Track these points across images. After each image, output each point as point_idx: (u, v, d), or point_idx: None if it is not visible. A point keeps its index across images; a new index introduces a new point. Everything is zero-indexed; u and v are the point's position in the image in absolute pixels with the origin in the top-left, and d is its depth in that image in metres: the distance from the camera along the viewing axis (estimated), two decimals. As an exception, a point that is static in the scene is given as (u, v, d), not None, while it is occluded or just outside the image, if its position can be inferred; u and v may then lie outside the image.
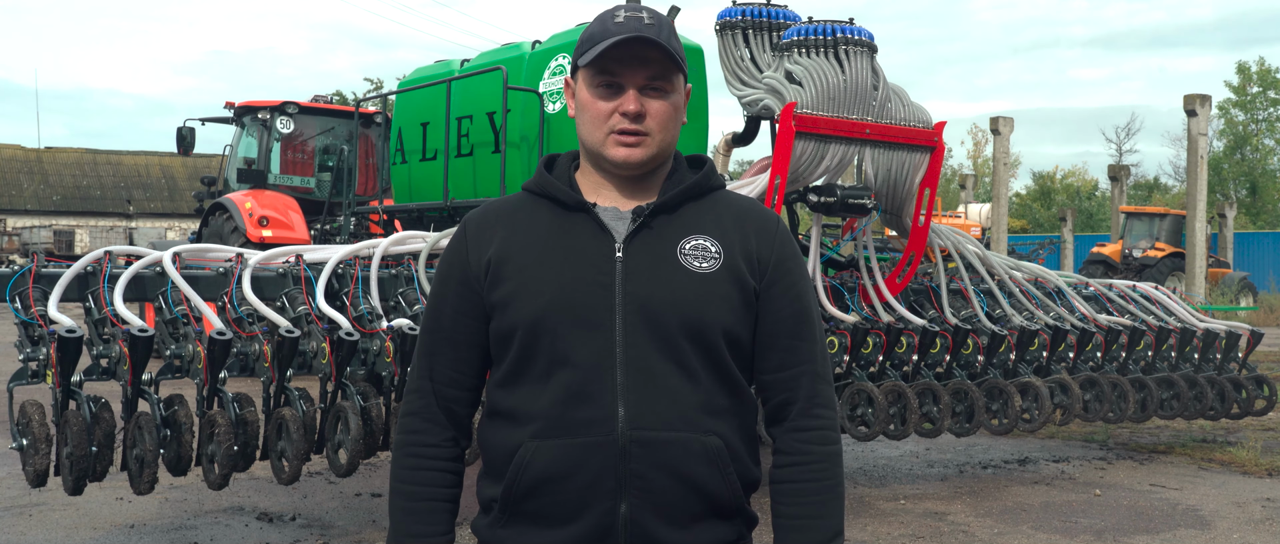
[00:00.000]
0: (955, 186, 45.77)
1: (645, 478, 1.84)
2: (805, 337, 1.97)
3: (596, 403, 1.84)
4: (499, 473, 1.91)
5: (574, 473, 1.84)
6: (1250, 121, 51.56)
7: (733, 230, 1.95)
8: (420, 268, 5.44)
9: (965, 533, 5.89)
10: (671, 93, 1.93)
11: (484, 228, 1.97)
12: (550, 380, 1.86)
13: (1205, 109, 17.16)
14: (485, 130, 8.36)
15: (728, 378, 1.91)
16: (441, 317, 1.99)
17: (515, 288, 1.89)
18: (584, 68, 1.93)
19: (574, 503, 1.85)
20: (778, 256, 1.96)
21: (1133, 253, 25.95)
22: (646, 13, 1.92)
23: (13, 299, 4.62)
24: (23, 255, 33.21)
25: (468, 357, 1.98)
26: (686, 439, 1.85)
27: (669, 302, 1.86)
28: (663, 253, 1.90)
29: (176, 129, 13.97)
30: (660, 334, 1.85)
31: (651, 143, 1.91)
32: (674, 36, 1.94)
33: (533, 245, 1.92)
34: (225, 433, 4.60)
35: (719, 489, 1.88)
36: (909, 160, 6.52)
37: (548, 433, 1.85)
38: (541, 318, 1.86)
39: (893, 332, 6.38)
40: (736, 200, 2.02)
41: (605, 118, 1.91)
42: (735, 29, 6.72)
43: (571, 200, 1.94)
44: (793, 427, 1.96)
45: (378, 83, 48.48)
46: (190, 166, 42.77)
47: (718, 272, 1.90)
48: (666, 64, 1.91)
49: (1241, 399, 7.85)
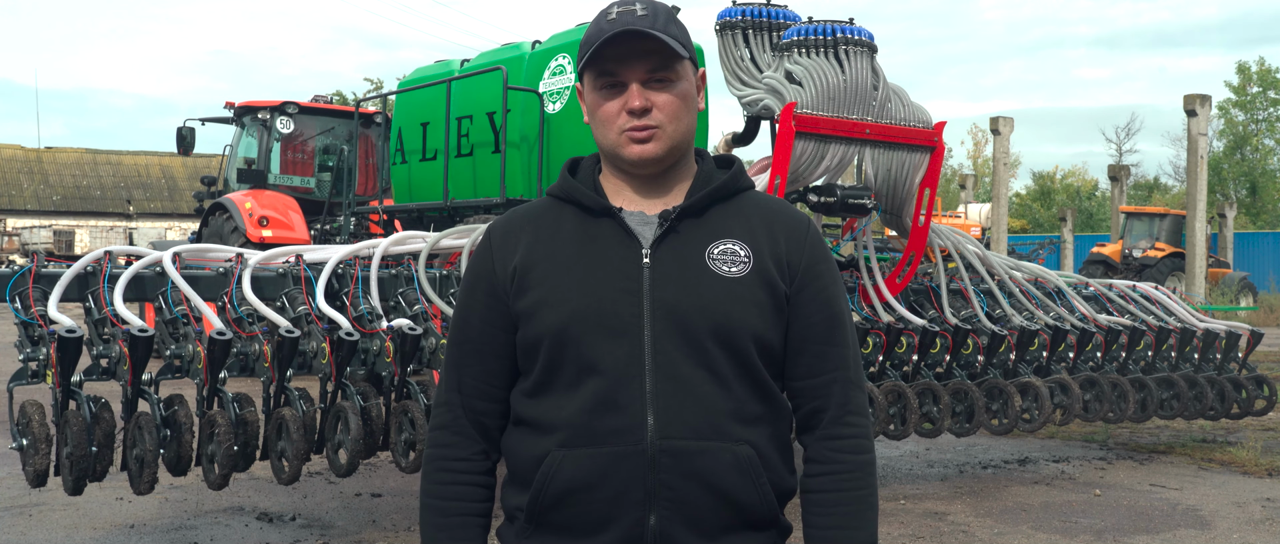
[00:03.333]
0: (955, 186, 45.76)
1: (674, 488, 1.79)
2: (836, 342, 1.91)
3: (625, 411, 1.79)
4: (525, 481, 1.86)
5: (602, 483, 1.79)
6: (1250, 121, 51.55)
7: (762, 233, 1.89)
8: (420, 268, 5.44)
9: (965, 533, 5.89)
10: (677, 81, 1.87)
11: (509, 235, 1.93)
12: (578, 389, 1.82)
13: (1205, 109, 17.16)
14: (485, 130, 8.37)
15: (760, 384, 1.86)
16: (469, 328, 1.94)
17: (542, 295, 1.85)
18: (586, 71, 1.89)
19: (602, 513, 1.80)
20: (808, 260, 1.90)
21: (1133, 253, 25.95)
22: (640, 4, 1.86)
23: (13, 299, 4.62)
24: (23, 255, 33.23)
25: (496, 368, 1.93)
26: (717, 449, 1.80)
27: (698, 307, 1.81)
28: (691, 257, 1.85)
29: (176, 129, 13.98)
30: (690, 340, 1.81)
31: (664, 136, 1.86)
32: (672, 22, 1.87)
33: (559, 252, 1.88)
34: (225, 433, 4.60)
35: (751, 499, 1.83)
36: (909, 160, 6.52)
37: (575, 442, 1.81)
38: (568, 325, 1.82)
39: (893, 332, 6.38)
40: (766, 202, 1.96)
41: (614, 118, 1.86)
42: (735, 29, 6.72)
43: (597, 205, 1.89)
44: (825, 435, 1.90)
45: (378, 83, 48.50)
46: (190, 166, 42.77)
47: (747, 276, 1.84)
48: (666, 54, 1.84)
49: (1241, 399, 7.85)
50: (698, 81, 1.94)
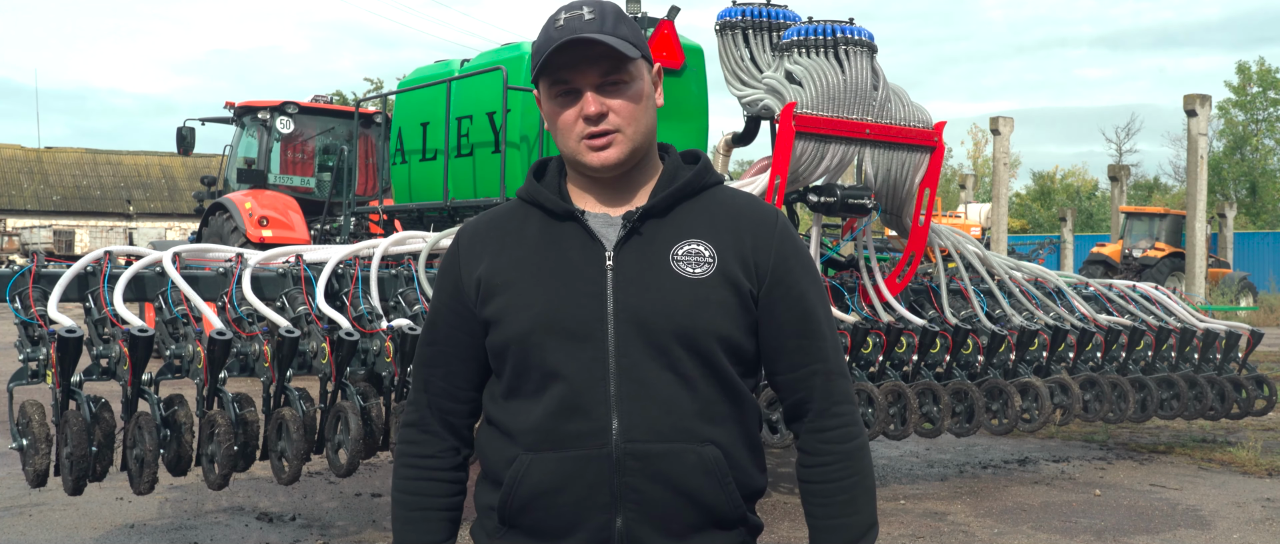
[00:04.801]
0: (955, 186, 45.75)
1: (640, 491, 1.80)
2: (813, 335, 1.91)
3: (589, 415, 1.80)
4: (495, 481, 1.89)
5: (568, 486, 1.81)
6: (1250, 121, 51.54)
7: (727, 232, 1.88)
8: (420, 268, 5.44)
9: (965, 533, 5.89)
10: (631, 83, 1.85)
11: (475, 242, 1.94)
12: (543, 394, 1.83)
13: (1205, 109, 17.16)
14: (485, 130, 8.36)
15: (726, 384, 1.86)
16: (436, 330, 1.97)
17: (507, 302, 1.86)
18: (540, 80, 1.87)
19: (569, 517, 1.82)
20: (777, 258, 1.89)
21: (1133, 253, 25.95)
22: (587, 7, 1.83)
23: (13, 299, 4.62)
24: (23, 255, 33.21)
25: (462, 370, 1.95)
26: (682, 450, 1.81)
27: (661, 310, 1.81)
28: (654, 259, 1.84)
29: (176, 129, 13.97)
30: (654, 343, 1.81)
31: (623, 140, 1.84)
32: (621, 22, 1.84)
33: (523, 258, 1.88)
34: (225, 433, 4.60)
35: (717, 500, 1.84)
36: (909, 160, 6.52)
37: (541, 446, 1.82)
38: (531, 331, 1.82)
39: (893, 331, 6.38)
40: (733, 198, 1.95)
41: (572, 125, 1.85)
42: (735, 29, 6.72)
43: (560, 209, 1.89)
44: (812, 427, 1.92)
45: (378, 83, 48.47)
46: (190, 166, 42.74)
47: (711, 277, 1.84)
48: (616, 57, 1.82)
49: (1241, 399, 7.85)
50: (654, 77, 1.93)
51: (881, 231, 13.05)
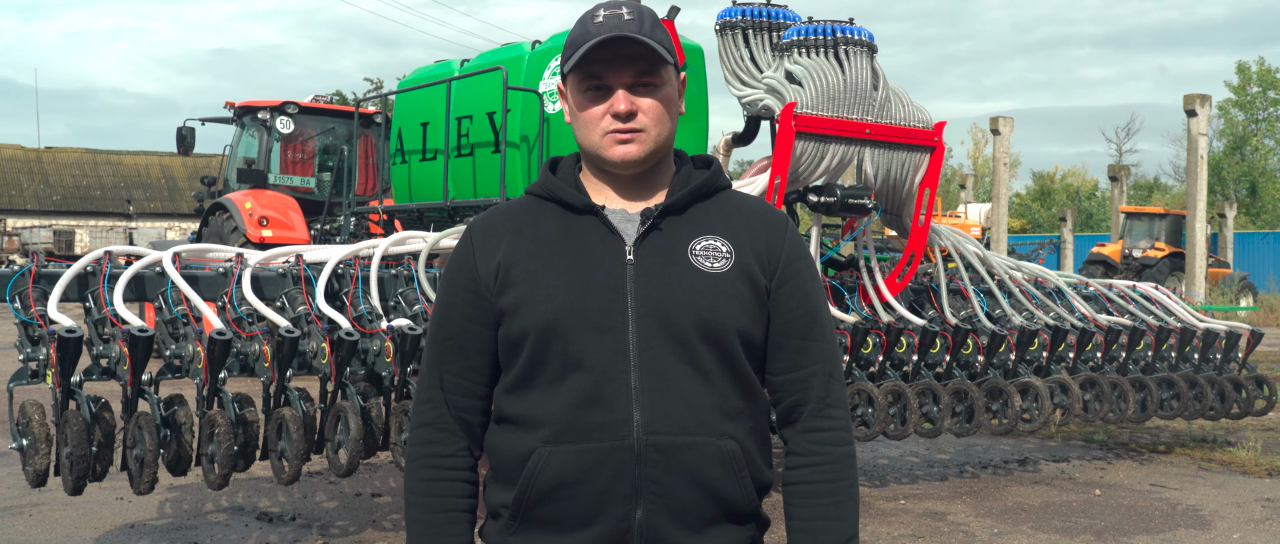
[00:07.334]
0: (955, 186, 45.75)
1: (661, 483, 1.81)
2: (815, 336, 1.94)
3: (611, 407, 1.81)
4: (509, 479, 1.88)
5: (589, 478, 1.81)
6: (1250, 121, 51.53)
7: (742, 230, 1.92)
8: (420, 268, 5.44)
9: (965, 533, 5.89)
10: (661, 86, 1.89)
11: (490, 233, 1.95)
12: (563, 384, 1.83)
13: (1205, 109, 17.16)
14: (485, 130, 8.36)
15: (743, 379, 1.88)
16: (449, 324, 1.95)
17: (526, 292, 1.86)
18: (570, 73, 1.90)
19: (589, 508, 1.82)
20: (787, 256, 1.94)
21: (1133, 253, 25.95)
22: (626, 8, 1.87)
23: (13, 299, 4.62)
24: (23, 255, 33.21)
25: (478, 364, 1.94)
26: (702, 443, 1.83)
27: (682, 303, 1.84)
28: (674, 254, 1.87)
29: (176, 129, 13.96)
30: (675, 336, 1.83)
31: (647, 139, 1.88)
32: (657, 27, 1.89)
33: (542, 249, 1.89)
34: (225, 433, 4.60)
35: (734, 493, 1.85)
36: (909, 160, 6.52)
37: (562, 437, 1.83)
38: (554, 321, 1.83)
39: (893, 331, 6.38)
40: (744, 200, 2.00)
41: (598, 120, 1.88)
42: (735, 29, 6.72)
43: (580, 203, 1.91)
44: (805, 428, 1.94)
45: (378, 83, 48.47)
46: (190, 166, 42.74)
47: (730, 271, 1.87)
48: (652, 59, 1.87)
49: (1241, 399, 7.85)
50: (679, 85, 1.97)
51: (881, 231, 13.05)
